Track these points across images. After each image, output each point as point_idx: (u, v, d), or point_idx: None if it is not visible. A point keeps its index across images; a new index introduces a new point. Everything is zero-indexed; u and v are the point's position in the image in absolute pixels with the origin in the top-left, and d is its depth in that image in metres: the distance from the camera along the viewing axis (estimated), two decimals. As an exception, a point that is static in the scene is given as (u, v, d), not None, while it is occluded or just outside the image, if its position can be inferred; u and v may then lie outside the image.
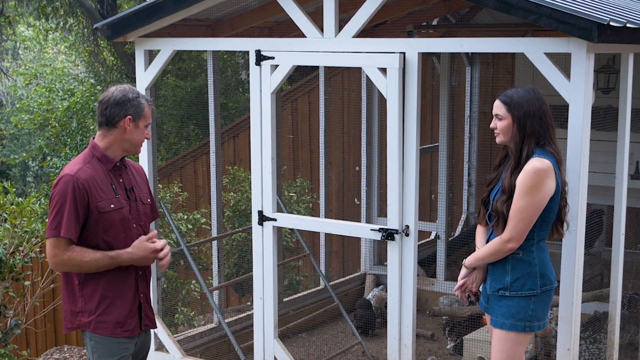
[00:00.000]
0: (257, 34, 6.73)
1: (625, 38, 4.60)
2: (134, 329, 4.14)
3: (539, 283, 4.21)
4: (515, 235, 4.14)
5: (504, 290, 4.25)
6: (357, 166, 9.41)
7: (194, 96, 12.81)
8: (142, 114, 4.06)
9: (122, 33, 5.85)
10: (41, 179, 18.85)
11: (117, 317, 4.07)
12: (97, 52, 15.20)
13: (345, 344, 7.02)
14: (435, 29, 7.78)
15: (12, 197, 6.91)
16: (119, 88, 4.08)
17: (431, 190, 9.57)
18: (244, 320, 6.92)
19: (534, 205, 4.09)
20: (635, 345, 6.05)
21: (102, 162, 4.05)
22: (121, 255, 4.01)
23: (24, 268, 7.02)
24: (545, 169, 4.09)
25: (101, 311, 4.04)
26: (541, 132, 4.16)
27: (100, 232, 3.99)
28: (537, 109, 4.16)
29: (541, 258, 4.23)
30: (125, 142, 4.07)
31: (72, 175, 3.93)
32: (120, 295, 4.08)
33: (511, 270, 4.24)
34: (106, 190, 4.02)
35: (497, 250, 4.23)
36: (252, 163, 5.58)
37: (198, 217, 8.04)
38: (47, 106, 13.90)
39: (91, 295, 4.04)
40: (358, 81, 8.27)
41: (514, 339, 4.26)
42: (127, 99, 4.02)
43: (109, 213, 3.99)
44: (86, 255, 3.94)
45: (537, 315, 4.24)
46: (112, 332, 4.06)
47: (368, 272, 8.19)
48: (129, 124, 4.03)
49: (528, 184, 4.09)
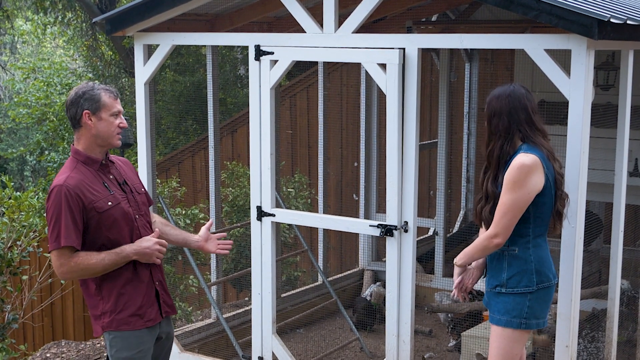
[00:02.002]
0: (256, 29, 6.72)
1: (626, 35, 4.59)
2: (155, 317, 4.14)
3: (535, 280, 4.18)
4: (500, 230, 4.10)
5: (501, 286, 4.24)
6: (356, 162, 9.41)
7: (192, 91, 12.80)
8: (100, 105, 3.98)
9: (121, 27, 5.84)
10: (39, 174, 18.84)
11: (136, 309, 4.06)
12: (95, 46, 15.19)
13: (343, 340, 7.02)
14: (435, 25, 7.77)
15: (10, 191, 6.91)
16: (75, 88, 4.06)
17: (430, 187, 9.57)
18: (242, 316, 6.92)
19: (519, 200, 4.05)
20: (634, 342, 6.05)
21: (88, 165, 4.02)
22: (125, 249, 3.98)
23: (22, 262, 7.02)
24: (530, 164, 4.04)
25: (120, 308, 4.04)
26: (510, 129, 4.11)
27: (104, 231, 3.98)
28: (502, 107, 4.12)
29: (538, 255, 4.20)
30: (97, 138, 4.01)
31: (61, 184, 3.90)
32: (136, 288, 4.07)
33: (507, 267, 4.22)
34: (100, 190, 4.00)
35: (484, 246, 4.21)
36: (251, 158, 5.57)
37: (196, 212, 8.03)
38: (45, 100, 13.88)
39: (109, 296, 4.04)
40: (357, 77, 8.26)
41: (510, 335, 4.24)
42: (79, 95, 3.97)
43: (108, 211, 3.97)
44: (91, 258, 3.92)
45: (534, 313, 4.22)
46: (133, 325, 4.05)
47: (366, 268, 8.19)
48: (90, 118, 3.97)
49: (512, 179, 4.05)
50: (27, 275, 7.05)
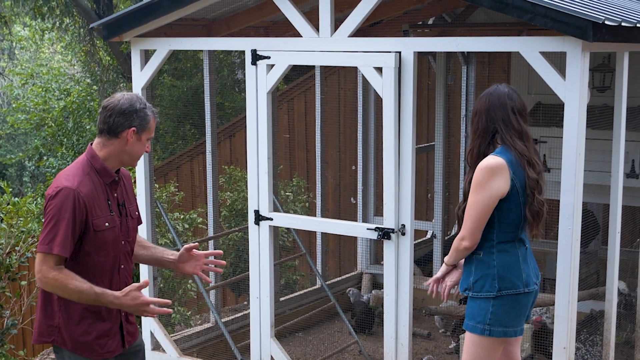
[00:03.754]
0: (253, 33, 6.73)
1: (621, 37, 4.61)
2: (115, 349, 3.88)
3: (496, 286, 4.08)
4: (466, 233, 4.08)
5: (468, 290, 4.19)
6: (354, 165, 9.42)
7: (190, 96, 12.80)
8: (147, 127, 3.78)
9: (118, 33, 5.85)
10: (38, 179, 18.83)
11: (98, 338, 3.81)
12: (93, 51, 15.18)
13: (342, 343, 7.03)
14: (431, 28, 7.79)
15: (8, 197, 6.91)
16: (126, 96, 3.78)
17: (427, 190, 9.58)
18: (240, 320, 6.93)
19: (481, 202, 4.00)
20: (632, 343, 6.06)
21: (101, 175, 3.78)
22: (107, 297, 3.67)
23: (21, 268, 7.01)
24: (494, 166, 3.98)
25: (82, 330, 3.77)
26: (487, 128, 4.08)
27: (92, 251, 3.73)
28: (482, 105, 4.10)
29: (502, 260, 4.10)
30: (125, 154, 3.80)
31: (73, 189, 3.64)
32: (101, 315, 3.81)
33: (474, 270, 4.18)
34: (103, 207, 3.76)
35: (455, 248, 4.21)
36: (249, 162, 5.58)
37: (194, 217, 8.04)
38: (44, 106, 13.87)
39: (71, 313, 3.76)
40: (354, 80, 8.28)
41: (477, 341, 4.15)
42: (134, 110, 3.73)
43: (103, 232, 3.74)
44: (71, 283, 3.62)
45: (498, 320, 4.09)
46: (91, 352, 3.80)
47: (364, 271, 8.20)
48: (132, 135, 3.75)
49: (476, 181, 4.02)
50: (25, 280, 7.04)
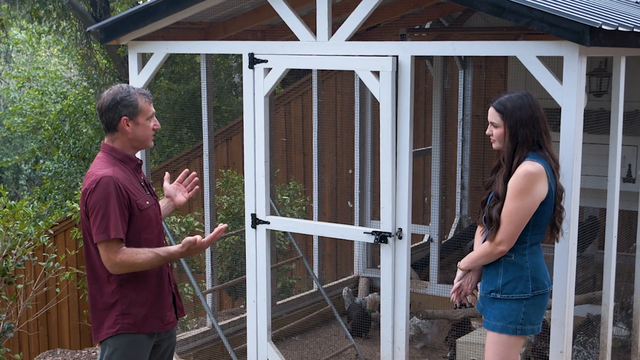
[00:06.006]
0: (250, 37, 6.73)
1: (617, 41, 4.61)
2: (173, 320, 4.18)
3: (530, 287, 4.20)
4: (505, 238, 4.14)
5: (496, 292, 4.26)
6: (350, 169, 9.42)
7: (187, 99, 12.80)
8: (137, 110, 3.98)
9: (115, 36, 5.85)
10: (34, 182, 18.81)
11: (162, 311, 4.07)
12: (90, 55, 15.18)
13: (339, 347, 7.02)
14: (428, 33, 7.80)
15: (4, 200, 6.90)
16: (109, 92, 4.01)
17: (424, 193, 9.58)
18: (237, 324, 6.92)
19: (524, 209, 4.09)
20: (628, 347, 6.06)
21: (126, 163, 4.02)
22: (173, 255, 3.96)
23: (17, 271, 7.01)
24: (536, 172, 4.09)
25: (147, 310, 4.01)
26: (534, 138, 4.16)
27: (141, 230, 3.97)
28: (529, 117, 4.16)
29: (534, 261, 4.23)
30: (133, 141, 4.03)
31: (110, 176, 3.86)
32: (160, 293, 4.07)
33: (503, 272, 4.24)
34: (139, 188, 4.02)
35: (488, 253, 4.24)
36: (246, 166, 5.58)
37: (191, 220, 8.03)
38: (40, 109, 13.89)
39: (133, 297, 3.98)
40: (351, 84, 8.28)
41: (506, 341, 4.26)
42: (117, 101, 3.95)
43: (146, 210, 3.99)
44: (138, 258, 3.87)
45: (529, 319, 4.24)
46: (158, 324, 4.05)
47: (361, 275, 8.20)
48: (128, 123, 3.97)
49: (518, 187, 4.09)
50: (22, 284, 7.04)
